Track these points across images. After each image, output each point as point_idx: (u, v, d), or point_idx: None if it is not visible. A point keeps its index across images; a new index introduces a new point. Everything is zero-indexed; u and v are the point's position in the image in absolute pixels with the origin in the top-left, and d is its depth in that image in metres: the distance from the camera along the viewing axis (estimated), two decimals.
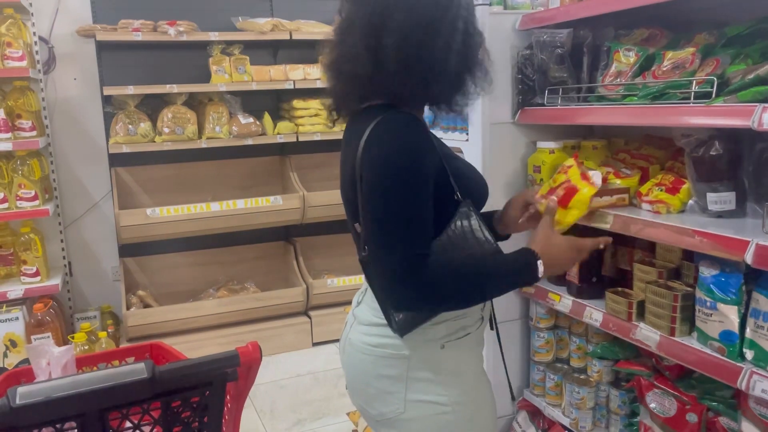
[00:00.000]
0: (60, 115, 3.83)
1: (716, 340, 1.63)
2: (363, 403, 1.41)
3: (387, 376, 1.33)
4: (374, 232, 1.21)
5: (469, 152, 2.37)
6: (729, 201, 1.73)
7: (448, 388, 1.32)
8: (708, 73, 1.65)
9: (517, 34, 2.26)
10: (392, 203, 1.18)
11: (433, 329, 1.31)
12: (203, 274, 4.14)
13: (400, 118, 1.24)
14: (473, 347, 1.39)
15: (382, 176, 1.20)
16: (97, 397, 1.18)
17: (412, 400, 1.31)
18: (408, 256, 1.17)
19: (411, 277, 1.16)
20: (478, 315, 1.39)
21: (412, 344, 1.31)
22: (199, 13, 3.95)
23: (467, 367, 1.37)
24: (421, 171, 1.20)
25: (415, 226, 1.18)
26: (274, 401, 3.28)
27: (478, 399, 1.37)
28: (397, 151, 1.20)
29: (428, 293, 1.19)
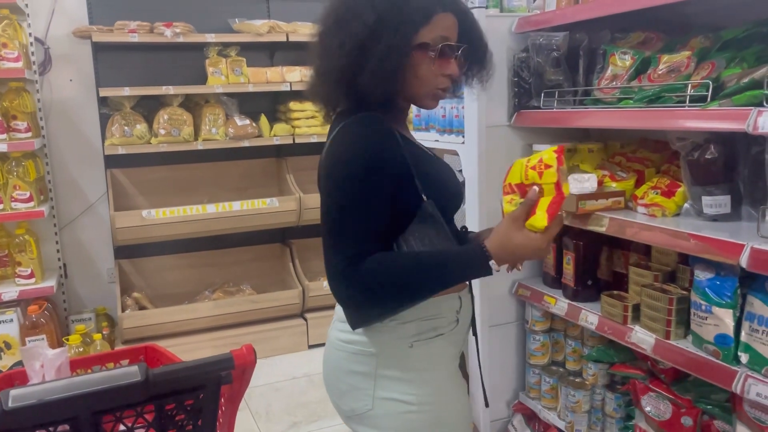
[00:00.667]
0: (56, 116, 3.82)
1: (711, 343, 1.63)
2: (336, 398, 1.42)
3: (357, 372, 1.34)
4: (323, 230, 1.23)
5: (465, 155, 2.37)
6: (724, 204, 1.73)
7: (416, 387, 1.32)
8: (703, 76, 1.66)
9: (514, 37, 2.27)
10: (339, 203, 1.21)
11: (402, 327, 1.31)
12: (199, 276, 4.13)
13: (361, 121, 1.26)
14: (445, 348, 1.37)
15: (333, 176, 1.23)
16: (91, 400, 1.17)
17: (380, 398, 1.32)
18: (348, 255, 1.18)
19: (350, 274, 1.18)
20: (453, 317, 1.37)
21: (380, 342, 1.32)
22: (196, 14, 3.94)
23: (437, 368, 1.35)
24: (375, 172, 1.21)
25: (359, 225, 1.20)
26: (269, 404, 3.27)
27: (446, 400, 1.36)
28: (351, 151, 1.23)
29: (366, 290, 1.19)
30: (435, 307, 1.32)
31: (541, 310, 2.32)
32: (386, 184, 1.22)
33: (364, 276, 1.18)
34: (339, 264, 1.19)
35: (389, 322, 1.31)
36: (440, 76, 1.30)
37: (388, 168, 1.23)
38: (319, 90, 1.34)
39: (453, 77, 1.31)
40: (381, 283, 1.19)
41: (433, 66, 1.28)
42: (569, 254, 2.15)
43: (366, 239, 1.20)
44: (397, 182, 1.24)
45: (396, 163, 1.25)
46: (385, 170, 1.22)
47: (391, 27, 1.22)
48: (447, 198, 1.34)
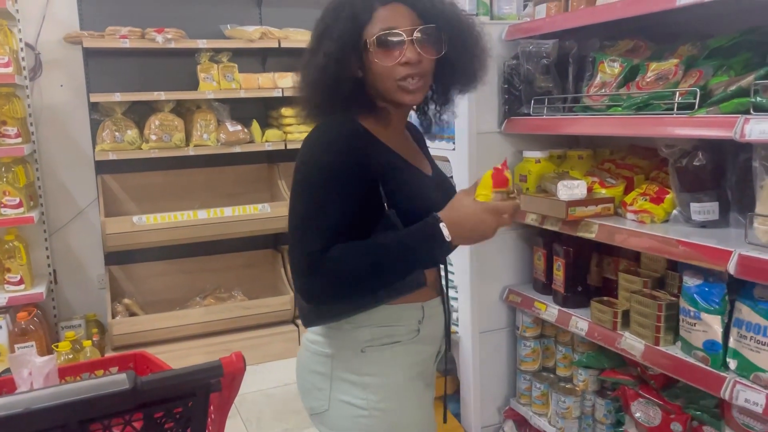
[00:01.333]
0: (46, 121, 3.80)
1: (700, 349, 1.64)
2: (301, 396, 1.45)
3: (317, 372, 1.37)
4: (289, 224, 1.27)
5: (455, 161, 2.38)
6: (712, 211, 1.74)
7: (368, 392, 1.32)
8: (691, 84, 1.67)
9: (504, 45, 2.28)
10: (301, 202, 1.25)
11: (356, 332, 1.32)
12: (190, 282, 4.11)
13: (332, 124, 1.29)
14: (404, 357, 1.35)
15: (299, 177, 1.26)
16: (78, 409, 1.16)
17: (336, 399, 1.34)
18: (310, 251, 1.20)
19: (312, 269, 1.20)
20: (413, 326, 1.36)
21: (335, 344, 1.34)
22: (188, 20, 3.94)
23: (391, 376, 1.34)
24: (336, 176, 1.23)
25: (320, 224, 1.22)
26: (260, 410, 3.26)
27: (400, 408, 1.35)
28: (315, 154, 1.26)
29: (329, 281, 1.21)
30: (393, 315, 1.32)
31: (532, 316, 2.32)
32: (347, 185, 1.23)
33: (325, 268, 1.20)
34: (301, 260, 1.22)
35: (344, 324, 1.32)
36: (397, 67, 1.27)
37: (351, 171, 1.24)
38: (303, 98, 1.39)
39: (410, 63, 1.27)
40: (342, 270, 1.21)
41: (381, 59, 1.27)
42: (559, 260, 2.15)
43: (327, 237, 1.21)
44: (361, 187, 1.25)
45: (361, 167, 1.25)
46: (348, 173, 1.24)
47: (333, 34, 1.28)
48: (419, 211, 1.30)
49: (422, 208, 1.31)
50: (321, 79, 1.28)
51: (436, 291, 1.42)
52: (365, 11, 1.27)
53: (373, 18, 1.27)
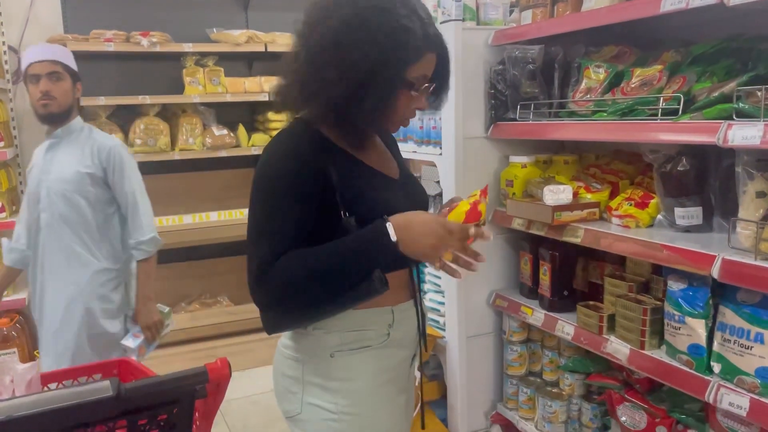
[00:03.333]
0: (29, 126, 3.75)
1: (684, 353, 1.65)
2: (276, 398, 1.46)
3: (289, 376, 1.38)
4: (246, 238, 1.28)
5: (442, 166, 2.38)
6: (696, 216, 1.76)
7: (337, 397, 1.33)
8: (675, 90, 1.69)
9: (490, 50, 2.29)
10: (256, 212, 1.26)
11: (325, 337, 1.32)
12: (175, 287, 4.08)
13: (289, 132, 1.30)
14: (374, 361, 1.35)
15: (255, 186, 1.27)
16: (61, 416, 1.14)
17: (308, 403, 1.35)
18: (259, 262, 1.22)
19: (263, 277, 1.21)
20: (384, 331, 1.35)
21: (304, 349, 1.35)
22: (173, 24, 3.92)
23: (361, 380, 1.34)
24: (288, 184, 1.23)
25: (271, 235, 1.23)
26: (246, 417, 3.23)
27: (370, 413, 1.35)
28: (270, 163, 1.27)
29: (275, 291, 1.22)
30: (361, 320, 1.32)
31: (518, 320, 2.33)
32: (301, 195, 1.24)
33: (272, 277, 1.21)
34: (253, 269, 1.23)
35: (313, 330, 1.32)
36: (412, 110, 1.32)
37: (304, 181, 1.24)
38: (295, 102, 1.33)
39: (421, 110, 1.34)
40: (288, 278, 1.20)
41: (410, 101, 1.29)
42: (545, 265, 2.16)
43: (278, 246, 1.22)
44: (315, 197, 1.25)
45: (316, 176, 1.25)
46: (300, 182, 1.24)
47: (391, 63, 1.22)
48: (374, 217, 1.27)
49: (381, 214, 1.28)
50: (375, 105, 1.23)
51: (407, 294, 1.40)
52: (419, 52, 1.25)
53: (421, 61, 1.26)
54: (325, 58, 1.23)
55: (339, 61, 1.21)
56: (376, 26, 1.21)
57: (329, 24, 1.23)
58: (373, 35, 1.20)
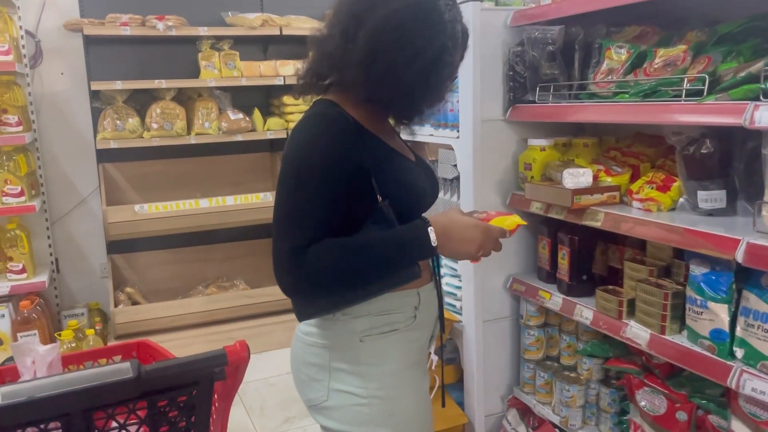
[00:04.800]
0: (47, 110, 3.79)
1: (706, 338, 1.63)
2: (297, 388, 1.44)
3: (313, 364, 1.36)
4: (273, 223, 1.25)
5: (459, 149, 2.36)
6: (719, 199, 1.73)
7: (367, 381, 1.32)
8: (699, 70, 1.65)
9: (509, 31, 2.25)
10: (288, 197, 1.23)
11: (353, 322, 1.31)
12: (192, 271, 4.11)
13: (321, 115, 1.27)
14: (401, 344, 1.36)
15: (285, 170, 1.25)
16: (82, 397, 1.15)
17: (334, 389, 1.34)
18: (290, 249, 1.19)
19: (294, 263, 1.19)
20: (410, 313, 1.36)
21: (332, 335, 1.33)
22: (188, 7, 3.91)
23: (390, 363, 1.34)
24: (324, 168, 1.21)
25: (305, 217, 1.20)
26: (263, 399, 3.26)
27: (399, 395, 1.36)
28: (303, 146, 1.24)
29: (311, 277, 1.20)
30: (389, 303, 1.32)
31: (536, 305, 2.31)
32: (337, 179, 1.22)
33: (308, 263, 1.18)
34: (284, 254, 1.20)
35: (341, 316, 1.31)
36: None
37: (340, 164, 1.22)
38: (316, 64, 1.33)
39: None
40: (326, 267, 1.19)
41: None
42: (564, 249, 2.14)
43: (313, 229, 1.20)
44: (350, 180, 1.23)
45: (351, 160, 1.23)
46: (337, 165, 1.22)
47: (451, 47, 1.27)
48: (410, 200, 1.32)
49: (413, 197, 1.33)
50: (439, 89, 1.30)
51: (429, 275, 1.42)
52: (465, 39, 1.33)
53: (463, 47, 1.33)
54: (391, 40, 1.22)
55: (408, 44, 1.22)
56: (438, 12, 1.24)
57: (394, 6, 1.23)
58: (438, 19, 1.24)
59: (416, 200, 1.36)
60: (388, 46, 1.22)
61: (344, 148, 1.23)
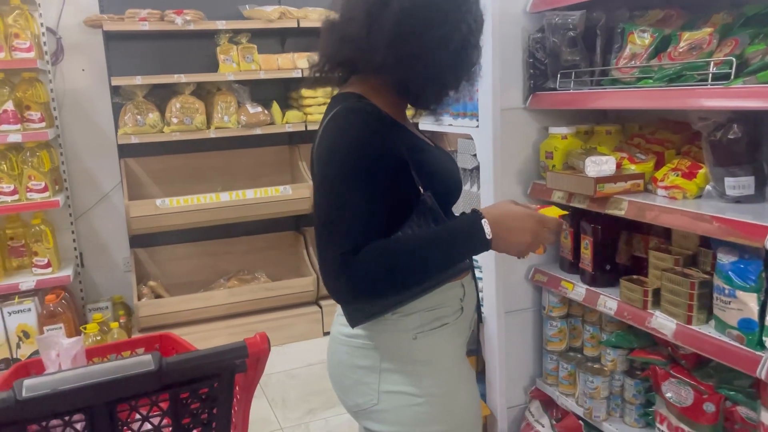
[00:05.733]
0: (69, 106, 3.83)
1: (735, 328, 1.59)
2: (341, 394, 1.40)
3: (360, 367, 1.31)
4: (316, 227, 1.21)
5: (479, 139, 2.33)
6: (748, 185, 1.69)
7: (421, 379, 1.28)
8: (726, 53, 1.61)
9: (528, 17, 2.21)
10: (332, 199, 1.17)
11: (404, 320, 1.27)
12: (213, 264, 4.14)
13: (355, 110, 1.21)
14: (452, 338, 1.33)
15: (326, 171, 1.19)
16: (105, 390, 1.16)
17: (386, 391, 1.29)
18: (343, 250, 1.14)
19: (346, 269, 1.13)
20: (457, 305, 1.34)
21: (383, 335, 1.29)
22: (206, 1, 3.91)
23: (442, 358, 1.31)
24: (366, 165, 1.17)
25: (352, 222, 1.15)
26: (285, 391, 3.28)
27: (454, 390, 1.33)
28: (344, 145, 1.18)
29: (365, 282, 1.15)
30: (438, 297, 1.29)
31: (559, 295, 2.28)
32: (381, 176, 1.18)
33: (360, 268, 1.13)
34: (334, 259, 1.15)
35: (391, 315, 1.27)
36: None
37: (383, 159, 1.19)
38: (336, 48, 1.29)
39: None
40: (379, 271, 1.15)
41: None
42: (587, 239, 2.11)
43: (361, 232, 1.15)
44: (392, 175, 1.20)
45: (391, 154, 1.20)
46: (380, 162, 1.18)
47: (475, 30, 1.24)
48: (447, 189, 1.30)
49: (451, 186, 1.32)
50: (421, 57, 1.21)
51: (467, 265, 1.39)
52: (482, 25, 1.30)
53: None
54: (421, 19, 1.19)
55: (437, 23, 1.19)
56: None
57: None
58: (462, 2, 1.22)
59: (453, 189, 1.33)
60: (418, 25, 1.18)
61: (385, 143, 1.19)
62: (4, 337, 3.28)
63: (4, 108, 3.26)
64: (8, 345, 3.29)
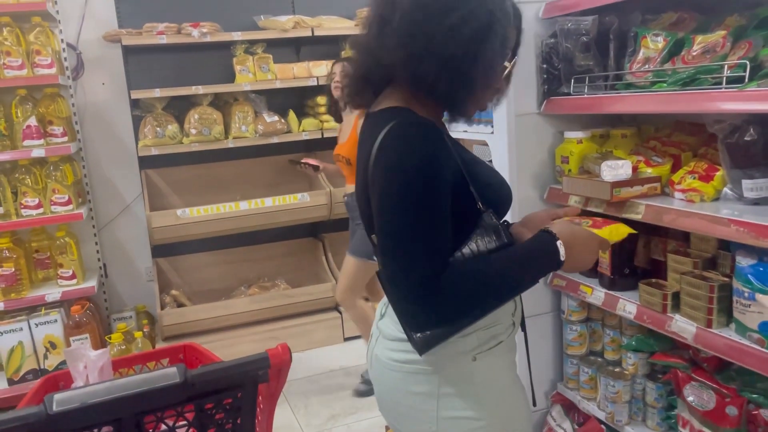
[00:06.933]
0: (90, 119, 3.90)
1: (755, 331, 1.58)
2: (394, 421, 1.35)
3: (417, 393, 1.25)
4: (387, 249, 1.13)
5: (494, 145, 2.34)
6: (765, 187, 1.68)
7: (482, 401, 1.24)
8: (740, 56, 1.60)
9: (541, 23, 2.22)
10: (405, 219, 1.10)
11: (462, 341, 1.23)
12: (234, 272, 4.19)
13: (413, 124, 1.15)
14: (506, 355, 1.30)
15: (395, 189, 1.11)
16: (132, 402, 1.20)
17: (445, 417, 1.23)
18: (422, 277, 1.08)
19: (427, 298, 1.08)
20: (509, 321, 1.31)
21: (441, 359, 1.23)
22: (222, 13, 3.98)
23: (500, 378, 1.28)
24: (436, 182, 1.11)
25: (429, 244, 1.09)
26: (307, 397, 3.31)
27: (513, 409, 1.30)
28: (410, 161, 1.11)
29: (447, 312, 1.11)
30: (493, 315, 1.24)
31: (577, 299, 2.28)
32: (448, 192, 1.13)
33: (447, 292, 1.09)
34: (417, 284, 1.08)
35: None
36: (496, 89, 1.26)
37: (443, 178, 1.12)
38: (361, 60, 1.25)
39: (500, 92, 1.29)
40: (466, 294, 1.11)
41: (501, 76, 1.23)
42: None
43: (436, 256, 1.10)
44: (453, 192, 1.14)
45: (451, 171, 1.14)
46: (444, 179, 1.12)
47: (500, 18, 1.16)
48: (501, 203, 1.27)
49: (504, 199, 1.29)
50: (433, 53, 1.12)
51: None
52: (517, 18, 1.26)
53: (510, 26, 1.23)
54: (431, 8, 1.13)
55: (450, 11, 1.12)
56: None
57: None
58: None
59: (506, 203, 1.30)
60: (428, 15, 1.12)
61: (447, 158, 1.14)
62: (31, 348, 3.34)
63: (28, 124, 3.34)
64: (36, 356, 3.36)
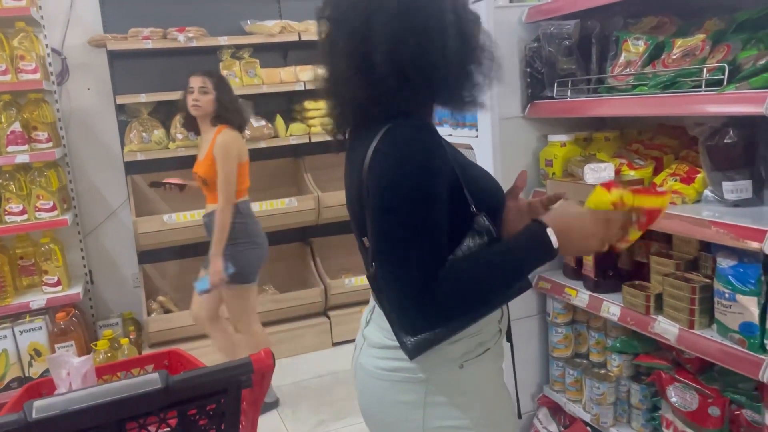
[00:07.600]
0: (75, 125, 3.88)
1: (736, 332, 1.60)
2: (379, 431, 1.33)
3: (403, 402, 1.23)
4: (383, 252, 1.12)
5: (479, 148, 2.35)
6: (745, 189, 1.70)
7: (469, 409, 1.23)
8: (719, 59, 1.62)
9: (524, 27, 2.24)
10: (402, 222, 1.09)
11: (450, 348, 1.20)
12: None
13: (410, 126, 1.14)
14: (493, 362, 1.29)
15: (391, 192, 1.10)
16: (114, 409, 1.19)
17: (432, 427, 1.22)
18: (419, 280, 1.07)
19: (425, 301, 1.07)
20: (496, 328, 1.29)
21: (429, 367, 1.21)
22: (208, 18, 3.96)
23: (487, 385, 1.27)
24: (433, 185, 1.09)
25: (426, 247, 1.08)
26: (295, 403, 3.29)
27: (500, 416, 1.30)
28: (407, 163, 1.10)
29: (445, 314, 1.10)
30: (479, 322, 1.23)
31: (563, 302, 2.30)
32: (444, 196, 1.11)
33: (446, 293, 1.08)
34: (410, 293, 1.08)
35: None
36: None
37: (442, 182, 1.11)
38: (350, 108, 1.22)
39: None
40: (463, 294, 1.10)
41: None
42: None
43: (432, 259, 1.09)
44: (448, 195, 1.13)
45: (447, 175, 1.13)
46: (440, 185, 1.11)
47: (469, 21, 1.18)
48: (495, 207, 1.25)
49: (499, 202, 1.27)
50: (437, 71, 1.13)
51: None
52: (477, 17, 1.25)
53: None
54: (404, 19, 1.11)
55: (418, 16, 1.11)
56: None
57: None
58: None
59: (498, 205, 1.28)
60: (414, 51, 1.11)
61: (441, 159, 1.12)
62: (16, 356, 3.31)
63: (12, 129, 3.31)
64: (20, 364, 3.32)
